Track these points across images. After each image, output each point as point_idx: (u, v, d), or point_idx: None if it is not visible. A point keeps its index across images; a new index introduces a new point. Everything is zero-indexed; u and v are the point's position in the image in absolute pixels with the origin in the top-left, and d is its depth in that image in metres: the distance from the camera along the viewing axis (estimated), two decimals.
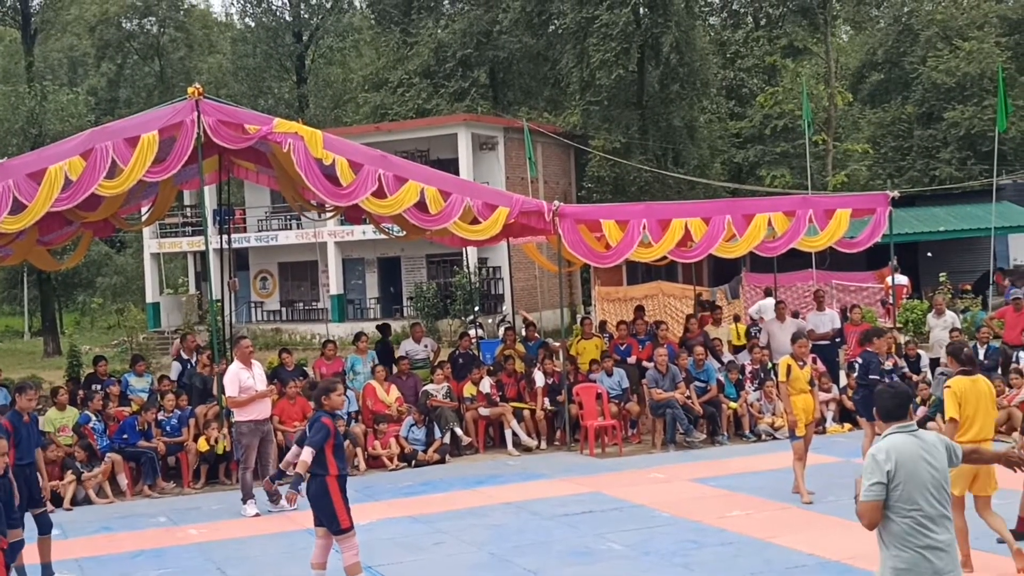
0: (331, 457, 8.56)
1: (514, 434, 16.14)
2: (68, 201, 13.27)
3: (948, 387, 9.05)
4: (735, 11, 51.50)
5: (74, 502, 13.35)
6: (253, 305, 42.76)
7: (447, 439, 15.71)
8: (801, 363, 12.03)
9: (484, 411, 16.30)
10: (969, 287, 31.78)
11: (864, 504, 5.61)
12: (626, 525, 11.13)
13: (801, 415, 11.89)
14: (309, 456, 8.50)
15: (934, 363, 17.77)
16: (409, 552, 10.43)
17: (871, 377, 13.04)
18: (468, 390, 16.51)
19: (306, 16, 56.85)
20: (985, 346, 17.03)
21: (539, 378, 16.52)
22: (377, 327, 20.16)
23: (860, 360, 12.94)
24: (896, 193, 18.16)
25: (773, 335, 17.66)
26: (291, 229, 40.49)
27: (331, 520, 8.55)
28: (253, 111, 16.15)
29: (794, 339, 12.46)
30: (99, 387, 15.41)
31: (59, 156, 13.26)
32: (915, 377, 16.76)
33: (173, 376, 16.29)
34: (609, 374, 16.55)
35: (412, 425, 15.57)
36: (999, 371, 16.28)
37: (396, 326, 36.42)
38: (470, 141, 38.00)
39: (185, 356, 16.79)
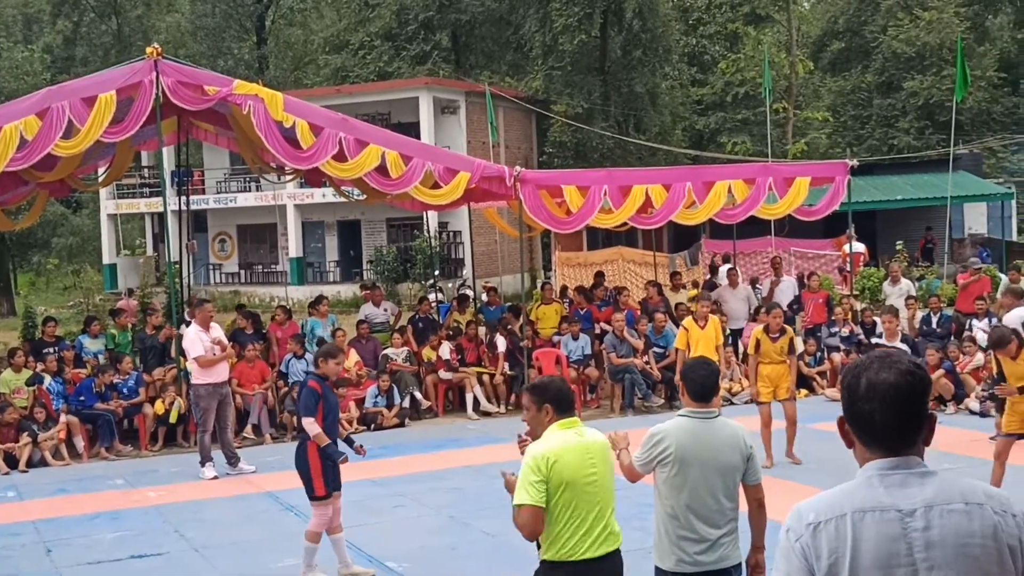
0: (320, 423, 8.35)
1: (474, 398, 16.20)
2: (23, 161, 13.09)
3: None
4: None
5: (30, 464, 13.26)
6: (211, 267, 42.40)
7: (407, 403, 15.72)
8: (774, 336, 12.08)
9: (445, 375, 16.31)
10: (919, 256, 32.25)
11: None
12: None
13: (768, 383, 12.05)
14: (310, 426, 8.30)
15: None
16: (369, 515, 10.43)
17: None
18: (427, 354, 16.52)
19: None
20: (938, 314, 17.25)
21: (501, 343, 16.55)
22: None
23: None
24: (855, 162, 18.29)
25: (725, 301, 17.85)
26: (250, 191, 40.16)
27: (307, 484, 8.42)
28: (213, 72, 15.96)
29: (769, 310, 12.60)
30: (51, 350, 15.24)
31: (14, 115, 13.06)
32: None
33: None
34: (575, 338, 16.59)
35: (377, 396, 15.51)
36: (951, 338, 16.49)
37: (356, 289, 36.50)
38: (431, 105, 37.77)
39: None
